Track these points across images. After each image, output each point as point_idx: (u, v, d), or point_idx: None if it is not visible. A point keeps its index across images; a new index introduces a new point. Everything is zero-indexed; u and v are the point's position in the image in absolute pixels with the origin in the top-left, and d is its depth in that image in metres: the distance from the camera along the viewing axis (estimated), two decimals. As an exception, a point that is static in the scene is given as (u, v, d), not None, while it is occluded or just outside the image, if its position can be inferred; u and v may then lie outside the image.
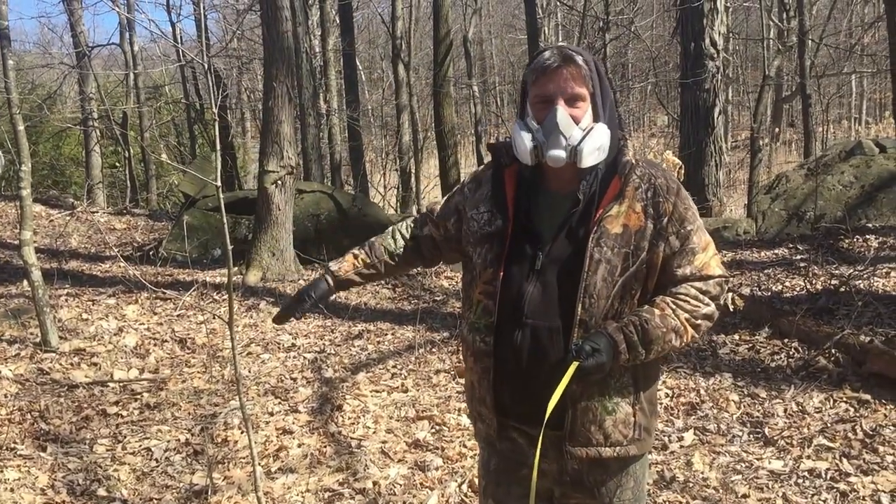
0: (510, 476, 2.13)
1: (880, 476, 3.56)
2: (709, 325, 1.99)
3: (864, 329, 5.13)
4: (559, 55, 1.93)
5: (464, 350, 2.15)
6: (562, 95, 1.91)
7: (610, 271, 1.90)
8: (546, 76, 1.92)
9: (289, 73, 8.43)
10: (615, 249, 1.90)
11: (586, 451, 1.98)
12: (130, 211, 13.03)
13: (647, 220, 1.92)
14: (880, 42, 18.66)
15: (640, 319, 1.91)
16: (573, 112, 1.92)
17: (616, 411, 1.97)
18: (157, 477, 4.01)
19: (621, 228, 1.91)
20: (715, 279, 1.99)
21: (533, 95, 1.96)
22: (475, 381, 2.07)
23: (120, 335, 6.03)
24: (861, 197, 9.05)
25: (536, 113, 1.95)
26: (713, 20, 10.86)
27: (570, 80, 1.91)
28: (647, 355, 1.92)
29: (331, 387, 5.16)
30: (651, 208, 1.93)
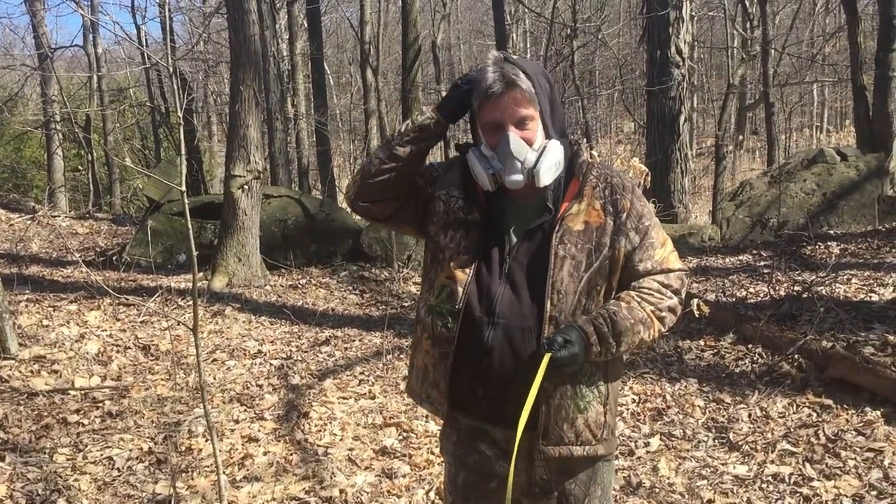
0: (479, 491, 2.12)
1: (842, 480, 3.60)
2: (673, 319, 2.05)
3: (826, 335, 5.21)
4: (502, 80, 1.94)
5: (418, 331, 2.13)
6: (510, 121, 1.95)
7: (575, 266, 1.95)
8: (492, 103, 1.95)
9: (256, 77, 8.37)
10: (578, 246, 1.96)
11: (559, 451, 1.99)
12: (93, 215, 12.84)
13: (606, 217, 1.98)
14: (841, 52, 19.02)
15: (608, 312, 1.96)
16: (524, 135, 1.96)
17: (588, 410, 1.99)
18: (119, 486, 3.93)
19: (583, 225, 1.97)
20: (675, 272, 2.07)
21: (482, 122, 1.99)
22: (429, 364, 2.07)
23: (81, 342, 5.92)
24: (823, 204, 9.20)
25: (489, 138, 1.98)
26: (679, 29, 11.00)
27: (516, 105, 1.95)
28: (619, 348, 1.96)
29: (297, 394, 5.12)
30: (610, 206, 1.99)
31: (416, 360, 2.14)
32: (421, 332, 2.10)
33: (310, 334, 6.44)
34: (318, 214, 9.79)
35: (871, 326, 5.35)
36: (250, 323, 6.75)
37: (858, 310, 5.75)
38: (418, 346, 2.12)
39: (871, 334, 5.18)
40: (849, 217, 9.10)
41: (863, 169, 9.34)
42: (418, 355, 2.12)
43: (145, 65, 13.80)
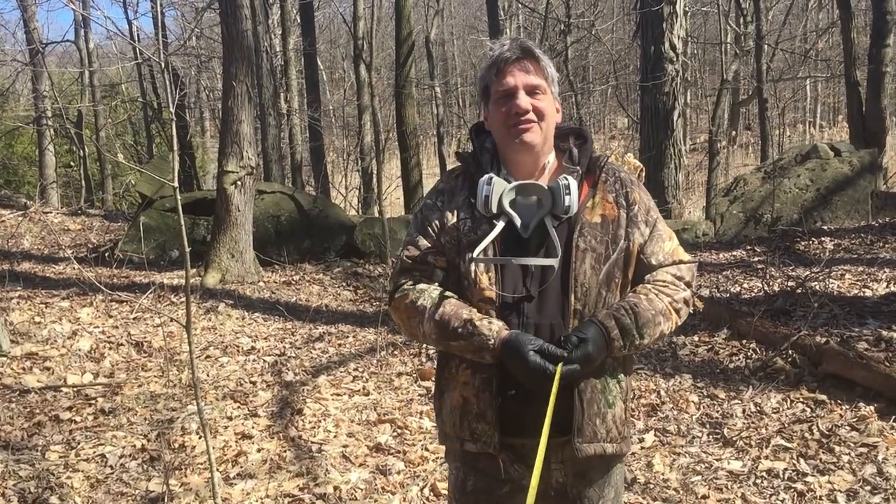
0: (491, 496, 2.04)
1: (836, 476, 3.60)
2: (688, 311, 2.04)
3: (820, 330, 5.21)
4: (518, 47, 1.96)
5: (452, 367, 2.00)
6: (523, 88, 1.94)
7: (596, 259, 1.94)
8: (504, 70, 1.95)
9: (248, 73, 8.33)
10: (598, 238, 1.95)
11: (593, 448, 1.94)
12: (85, 211, 12.78)
13: (619, 210, 1.99)
14: (834, 47, 19.07)
15: (629, 304, 1.94)
16: (535, 103, 1.94)
17: (615, 405, 1.96)
18: (112, 484, 3.91)
19: (600, 218, 1.97)
20: (686, 264, 2.06)
21: (495, 91, 1.98)
22: (470, 396, 1.95)
23: (74, 339, 5.89)
24: (816, 200, 9.22)
25: (497, 109, 1.97)
26: (672, 24, 10.99)
27: (527, 73, 1.95)
28: (642, 340, 1.94)
29: (291, 390, 5.10)
30: (622, 198, 2.00)
31: (450, 399, 2.01)
32: (457, 365, 1.98)
33: (303, 331, 6.43)
34: (311, 210, 9.76)
35: (865, 322, 5.36)
36: (244, 319, 6.72)
37: (852, 305, 5.75)
38: (451, 382, 2.00)
39: (864, 329, 5.18)
40: (842, 212, 9.12)
41: (856, 164, 9.36)
42: (452, 393, 1.99)
43: (137, 60, 13.73)
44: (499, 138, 2.01)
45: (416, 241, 2.03)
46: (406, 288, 2.01)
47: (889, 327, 5.15)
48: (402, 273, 2.05)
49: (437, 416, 2.09)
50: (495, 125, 2.00)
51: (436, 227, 2.02)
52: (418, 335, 2.00)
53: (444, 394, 2.03)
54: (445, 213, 2.01)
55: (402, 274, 2.05)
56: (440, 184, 2.10)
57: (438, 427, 2.10)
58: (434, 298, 1.95)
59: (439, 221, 2.02)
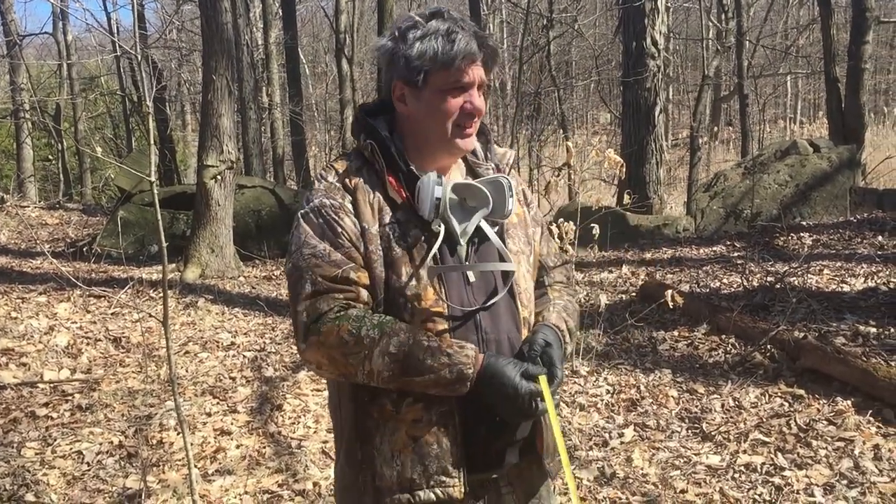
0: None
1: (813, 470, 3.63)
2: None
3: (799, 325, 5.25)
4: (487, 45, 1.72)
5: (385, 402, 1.67)
6: (478, 85, 1.72)
7: (526, 261, 1.83)
8: (466, 63, 1.68)
9: (229, 66, 8.27)
10: (522, 240, 1.84)
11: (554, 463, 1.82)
12: (64, 205, 12.67)
13: (524, 208, 1.90)
14: (814, 44, 19.19)
15: (560, 306, 1.85)
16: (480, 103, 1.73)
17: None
18: (89, 481, 3.88)
19: (517, 218, 1.85)
20: (568, 264, 2.00)
21: (445, 80, 1.69)
22: (423, 435, 1.66)
23: (51, 334, 5.83)
24: (796, 195, 9.27)
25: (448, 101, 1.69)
26: (654, 20, 11.01)
27: (483, 67, 1.73)
28: (572, 344, 1.87)
29: (271, 386, 5.07)
30: (522, 196, 1.91)
31: (389, 444, 1.67)
32: (394, 402, 1.66)
33: (284, 326, 6.39)
34: (292, 205, 9.71)
35: (843, 317, 5.40)
36: (223, 314, 6.69)
37: (830, 300, 5.80)
38: (387, 423, 1.67)
39: (842, 324, 5.23)
40: (821, 208, 9.18)
41: (835, 160, 9.43)
42: (392, 437, 1.67)
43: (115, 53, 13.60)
44: (432, 132, 1.73)
45: (328, 255, 1.64)
46: (333, 317, 1.61)
47: (866, 322, 5.19)
48: (318, 299, 1.63)
49: (358, 468, 1.70)
50: (437, 115, 1.70)
51: (351, 233, 1.67)
52: (358, 374, 1.61)
53: (374, 439, 1.68)
54: (362, 216, 1.68)
55: (318, 300, 1.62)
56: (332, 178, 1.72)
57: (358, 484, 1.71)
58: (380, 326, 1.61)
59: (355, 226, 1.68)
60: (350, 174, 1.72)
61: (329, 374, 1.67)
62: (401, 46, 1.70)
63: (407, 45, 1.69)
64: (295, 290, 1.65)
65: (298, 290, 1.64)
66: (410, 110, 1.74)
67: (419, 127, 1.74)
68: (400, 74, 1.71)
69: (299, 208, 1.74)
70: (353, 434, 1.70)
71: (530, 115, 16.34)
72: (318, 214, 1.68)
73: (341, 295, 1.63)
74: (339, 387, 1.74)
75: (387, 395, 1.66)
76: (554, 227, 5.32)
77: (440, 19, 1.70)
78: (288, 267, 1.70)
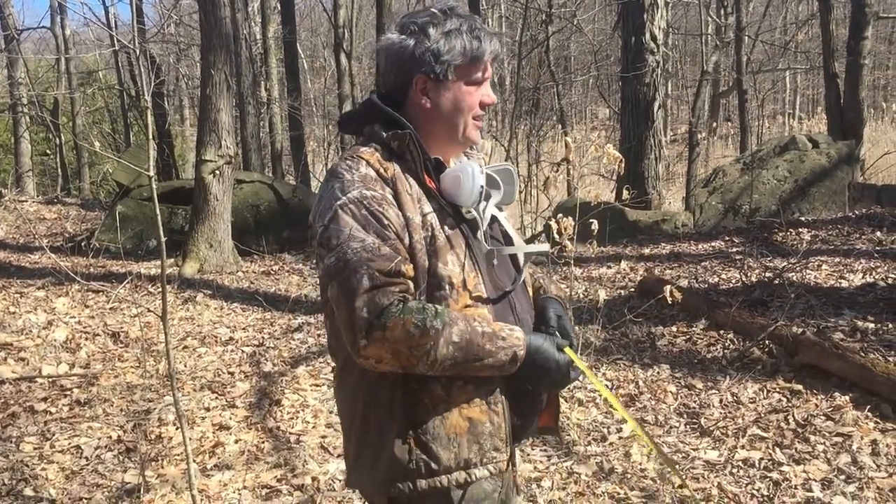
0: None
1: (811, 465, 3.63)
2: None
3: (797, 321, 5.25)
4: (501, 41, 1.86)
5: (435, 387, 1.71)
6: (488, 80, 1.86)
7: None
8: (490, 60, 1.81)
9: (227, 61, 8.26)
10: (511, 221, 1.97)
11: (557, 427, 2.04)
12: (62, 200, 12.65)
13: None
14: (814, 39, 19.17)
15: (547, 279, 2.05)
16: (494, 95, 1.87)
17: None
18: (87, 476, 3.88)
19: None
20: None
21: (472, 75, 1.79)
22: (476, 414, 1.73)
23: (49, 329, 5.83)
24: (794, 191, 9.27)
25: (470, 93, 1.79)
26: (653, 15, 11.00)
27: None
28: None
29: (269, 381, 5.08)
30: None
31: (445, 426, 1.72)
32: (444, 386, 1.71)
33: (282, 321, 6.40)
34: (291, 200, 9.71)
35: (841, 312, 5.40)
36: (222, 309, 6.68)
37: (828, 296, 5.80)
38: (438, 406, 1.72)
39: (840, 320, 5.23)
40: (820, 204, 9.19)
41: (834, 156, 9.43)
42: (447, 419, 1.72)
43: (114, 47, 13.57)
44: (452, 124, 1.81)
45: (378, 249, 1.64)
46: (396, 311, 1.61)
47: (864, 318, 5.19)
48: (376, 293, 1.62)
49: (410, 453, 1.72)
50: (462, 108, 1.79)
51: (397, 225, 1.68)
52: (420, 365, 1.64)
53: (427, 424, 1.71)
54: (405, 206, 1.70)
55: (377, 294, 1.62)
56: (365, 169, 1.72)
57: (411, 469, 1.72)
58: (440, 316, 1.63)
59: (399, 217, 1.69)
60: (383, 164, 1.72)
61: (388, 367, 1.66)
62: (424, 41, 1.74)
63: (431, 40, 1.73)
64: (348, 285, 1.62)
65: (354, 285, 1.62)
66: (433, 104, 1.78)
67: (438, 120, 1.79)
68: (425, 69, 1.75)
69: (329, 199, 1.69)
70: (404, 422, 1.71)
71: (529, 110, 16.31)
72: (360, 206, 1.66)
73: (396, 288, 1.63)
74: (380, 378, 1.72)
75: (436, 380, 1.69)
76: (553, 223, 5.32)
77: (456, 16, 1.77)
78: (330, 261, 1.65)
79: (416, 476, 1.71)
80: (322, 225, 1.68)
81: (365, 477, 1.80)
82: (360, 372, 1.73)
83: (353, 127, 1.86)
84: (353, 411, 1.80)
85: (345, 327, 1.64)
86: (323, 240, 1.68)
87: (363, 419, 1.77)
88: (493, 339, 1.66)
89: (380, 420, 1.74)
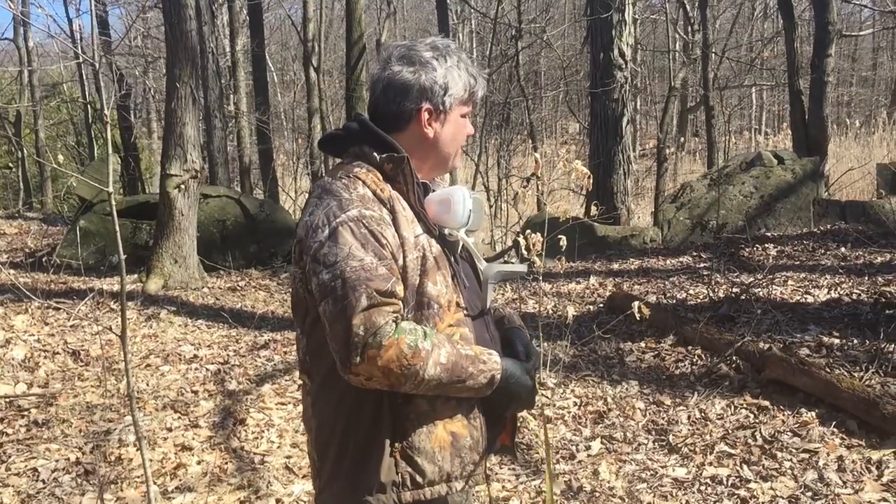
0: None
1: (778, 482, 3.63)
2: None
3: (764, 336, 5.28)
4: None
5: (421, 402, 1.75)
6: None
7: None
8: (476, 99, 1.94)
9: (193, 74, 8.17)
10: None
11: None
12: (23, 214, 12.44)
13: None
14: (779, 56, 19.44)
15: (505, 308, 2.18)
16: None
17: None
18: (44, 499, 3.77)
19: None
20: None
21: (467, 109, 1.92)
22: (458, 429, 1.79)
23: (7, 347, 5.68)
24: (761, 207, 9.36)
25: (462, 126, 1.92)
26: (622, 31, 11.09)
27: None
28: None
29: (234, 400, 4.99)
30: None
31: (431, 440, 1.76)
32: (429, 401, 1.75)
33: (248, 338, 6.30)
34: (258, 215, 9.61)
35: (807, 328, 5.44)
36: (186, 326, 6.57)
37: (794, 311, 5.84)
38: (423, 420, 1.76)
39: (806, 335, 5.26)
40: (785, 219, 9.28)
41: (799, 172, 9.54)
42: (432, 433, 1.76)
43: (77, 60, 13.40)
44: (445, 153, 1.91)
45: (376, 269, 1.66)
46: (390, 331, 1.64)
47: (830, 333, 5.24)
48: (373, 312, 1.64)
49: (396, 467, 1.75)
50: (457, 138, 1.92)
51: (393, 246, 1.72)
52: (409, 384, 1.67)
53: (412, 438, 1.75)
54: (401, 227, 1.75)
55: (373, 313, 1.64)
56: (362, 188, 1.76)
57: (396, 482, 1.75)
58: (429, 337, 1.68)
59: (395, 238, 1.73)
60: (379, 185, 1.77)
61: (376, 385, 1.68)
62: (432, 74, 1.83)
63: (438, 74, 1.83)
64: (345, 303, 1.64)
65: (353, 304, 1.63)
66: (436, 134, 1.87)
67: (436, 149, 1.88)
68: (431, 100, 1.84)
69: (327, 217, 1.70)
70: (390, 435, 1.74)
71: (499, 124, 16.37)
72: (359, 225, 1.68)
73: (391, 308, 1.67)
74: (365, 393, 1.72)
75: (421, 395, 1.73)
76: (521, 238, 5.30)
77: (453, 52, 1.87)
78: (326, 277, 1.66)
79: (401, 488, 1.75)
80: (318, 241, 1.69)
81: (344, 491, 1.80)
82: (343, 388, 1.73)
83: (336, 147, 1.91)
84: (333, 426, 1.81)
85: (339, 344, 1.65)
86: (319, 255, 1.68)
87: (344, 432, 1.78)
88: (475, 362, 1.73)
89: (363, 433, 1.76)
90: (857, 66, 31.30)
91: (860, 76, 31.13)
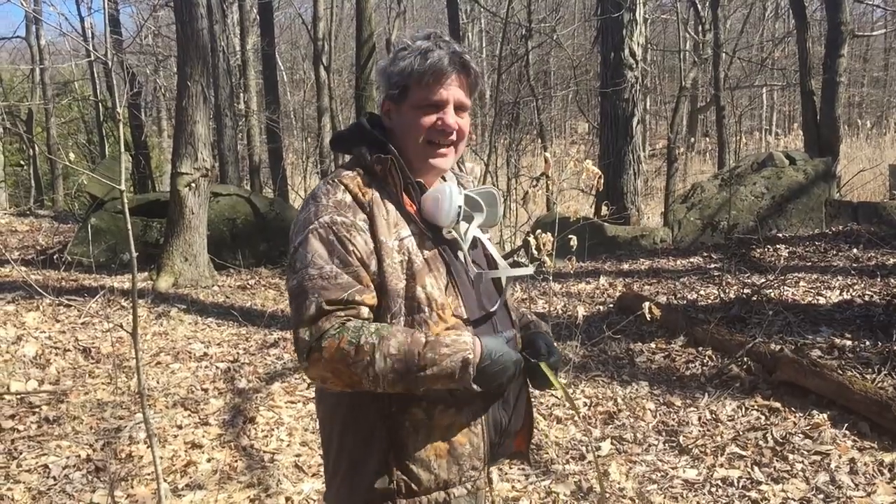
0: None
1: (790, 484, 3.61)
2: None
3: (775, 337, 5.25)
4: (459, 62, 1.78)
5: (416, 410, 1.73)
6: (454, 103, 1.80)
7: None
8: (441, 82, 1.77)
9: (204, 73, 8.19)
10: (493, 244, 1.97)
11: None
12: (34, 212, 12.49)
13: None
14: (790, 56, 19.39)
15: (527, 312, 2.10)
16: (459, 122, 1.81)
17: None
18: (55, 496, 3.78)
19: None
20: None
21: (421, 97, 1.77)
22: (458, 438, 1.76)
23: (18, 344, 5.71)
24: (772, 207, 9.32)
25: (423, 119, 1.78)
26: (632, 31, 11.06)
27: (462, 87, 1.81)
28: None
29: (244, 398, 4.99)
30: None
31: (426, 450, 1.74)
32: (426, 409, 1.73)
33: (258, 336, 6.31)
34: (268, 213, 9.63)
35: (819, 329, 5.41)
36: (196, 325, 6.59)
37: (806, 313, 5.81)
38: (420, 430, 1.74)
39: (818, 337, 5.24)
40: (797, 220, 9.24)
41: (811, 173, 9.49)
42: (429, 442, 1.74)
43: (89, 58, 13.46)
44: (411, 147, 1.80)
45: (335, 277, 1.66)
46: (333, 332, 1.63)
47: (842, 335, 5.21)
48: (321, 319, 1.65)
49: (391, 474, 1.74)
50: (411, 132, 1.79)
51: (362, 252, 1.69)
52: (363, 381, 1.64)
53: (408, 447, 1.74)
54: (378, 231, 1.71)
55: (321, 320, 1.65)
56: (342, 194, 1.73)
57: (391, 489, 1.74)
58: (377, 331, 1.64)
59: (367, 244, 1.70)
60: (362, 188, 1.74)
61: (336, 386, 1.69)
62: (389, 65, 1.80)
63: (393, 63, 1.79)
64: (299, 311, 1.67)
65: (302, 312, 1.67)
66: (394, 126, 1.82)
67: (406, 143, 1.80)
68: (385, 91, 1.82)
69: (304, 222, 1.73)
70: (386, 443, 1.74)
71: (509, 124, 16.35)
72: (328, 231, 1.69)
73: (343, 313, 1.66)
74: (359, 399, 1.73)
75: (417, 403, 1.72)
76: (531, 238, 5.30)
77: (426, 40, 1.78)
78: (292, 283, 1.70)
79: (396, 496, 1.74)
80: (293, 246, 1.74)
81: (342, 495, 1.81)
82: (339, 391, 1.73)
83: (344, 146, 1.89)
84: (332, 427, 1.83)
85: (295, 350, 1.70)
86: (292, 261, 1.74)
87: (340, 436, 1.79)
88: (434, 346, 1.65)
89: (358, 440, 1.76)
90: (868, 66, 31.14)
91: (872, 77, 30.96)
